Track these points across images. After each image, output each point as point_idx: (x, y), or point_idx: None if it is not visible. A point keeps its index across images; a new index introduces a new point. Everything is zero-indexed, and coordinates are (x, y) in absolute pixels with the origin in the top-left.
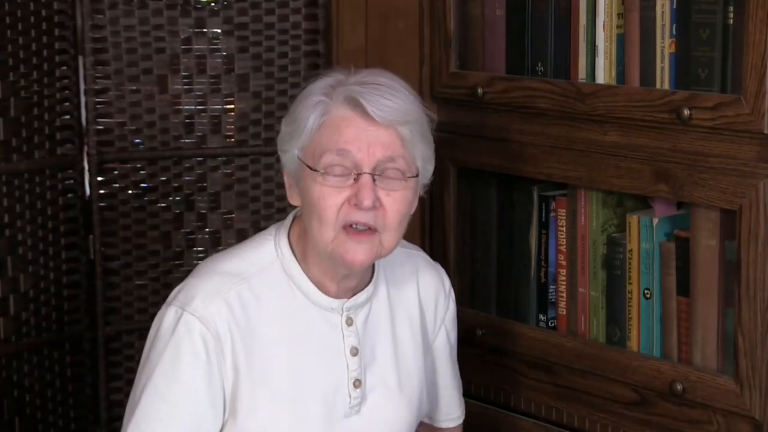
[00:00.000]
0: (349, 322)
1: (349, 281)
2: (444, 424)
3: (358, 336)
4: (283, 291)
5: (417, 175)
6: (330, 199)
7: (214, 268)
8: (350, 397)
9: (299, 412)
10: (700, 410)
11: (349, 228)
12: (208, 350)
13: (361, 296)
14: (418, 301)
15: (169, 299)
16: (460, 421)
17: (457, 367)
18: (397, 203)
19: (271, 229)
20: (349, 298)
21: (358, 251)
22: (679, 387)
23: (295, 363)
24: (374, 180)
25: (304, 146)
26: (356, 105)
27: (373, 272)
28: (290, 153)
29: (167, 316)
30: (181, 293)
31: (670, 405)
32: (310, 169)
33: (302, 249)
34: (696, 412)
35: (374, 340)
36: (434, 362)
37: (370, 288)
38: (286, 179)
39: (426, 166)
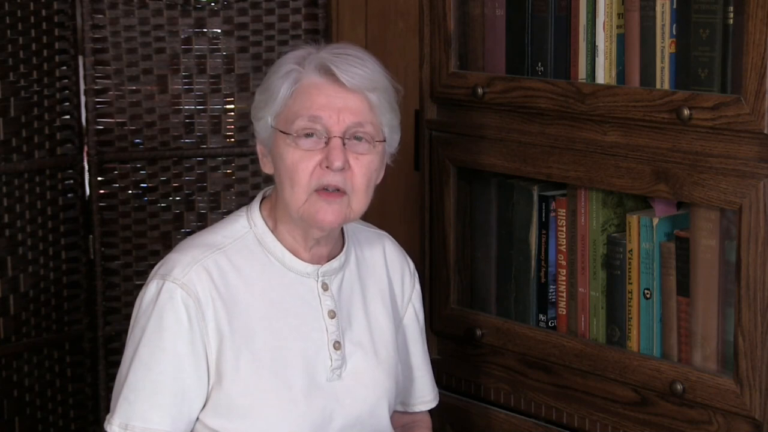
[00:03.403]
0: (325, 287)
1: (321, 247)
2: (418, 408)
3: (334, 300)
4: (259, 259)
5: (384, 141)
6: (303, 162)
7: (190, 243)
8: (331, 359)
9: (282, 375)
10: (700, 410)
11: (322, 190)
12: (190, 315)
13: (334, 262)
14: (387, 275)
15: (149, 276)
16: (434, 403)
17: (427, 350)
18: (364, 167)
19: (242, 209)
20: (323, 264)
21: (328, 211)
22: (679, 387)
23: (275, 326)
24: (344, 144)
25: (277, 113)
26: (327, 72)
27: (343, 243)
28: (264, 120)
29: (149, 290)
30: (160, 268)
31: (670, 405)
32: (284, 133)
33: (274, 220)
34: (696, 412)
35: (349, 307)
36: (406, 341)
37: (342, 256)
38: (258, 148)
39: (392, 135)
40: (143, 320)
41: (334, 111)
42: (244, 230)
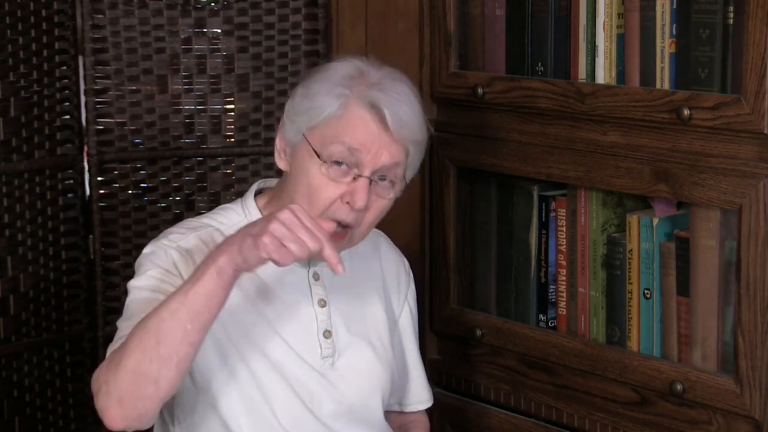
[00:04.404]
0: (316, 276)
1: None
2: (414, 407)
3: (325, 289)
4: None
5: (405, 184)
6: (326, 191)
7: (185, 221)
8: (321, 347)
9: (271, 356)
10: (700, 410)
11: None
12: (181, 267)
13: None
14: (381, 273)
15: None
16: (430, 403)
17: (419, 350)
18: (379, 208)
19: (235, 201)
20: None
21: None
22: (679, 387)
23: (265, 312)
24: (370, 183)
25: (314, 127)
26: (377, 111)
27: None
28: (297, 125)
29: (144, 249)
30: (155, 238)
31: (670, 405)
32: (317, 155)
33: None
34: (696, 412)
35: (343, 298)
36: (402, 342)
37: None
38: (279, 141)
39: (411, 176)
40: (135, 271)
41: (373, 148)
42: (239, 218)
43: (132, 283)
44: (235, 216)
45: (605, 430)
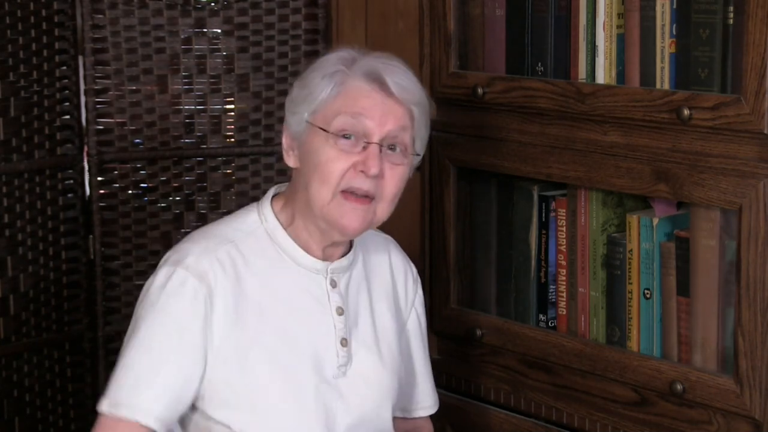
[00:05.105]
0: (333, 284)
1: (335, 248)
2: (418, 413)
3: (342, 297)
4: (269, 253)
5: (417, 154)
6: (337, 162)
7: (201, 234)
8: (338, 356)
9: (291, 370)
10: (700, 410)
11: (348, 193)
12: (198, 304)
13: (344, 260)
14: (391, 278)
15: (160, 264)
16: (434, 410)
17: (428, 355)
18: (396, 177)
19: (252, 205)
20: (332, 261)
21: (353, 217)
22: (679, 387)
23: (284, 321)
24: (380, 151)
25: (316, 111)
26: (376, 79)
27: (351, 243)
28: (299, 116)
29: (158, 276)
30: (172, 256)
31: (670, 405)
32: (323, 130)
33: (289, 215)
34: (696, 412)
35: (356, 305)
36: (409, 346)
37: (351, 255)
38: (285, 140)
39: (422, 148)
40: (149, 305)
41: (378, 114)
42: (255, 225)
43: (140, 338)
44: (251, 222)
45: (605, 430)
